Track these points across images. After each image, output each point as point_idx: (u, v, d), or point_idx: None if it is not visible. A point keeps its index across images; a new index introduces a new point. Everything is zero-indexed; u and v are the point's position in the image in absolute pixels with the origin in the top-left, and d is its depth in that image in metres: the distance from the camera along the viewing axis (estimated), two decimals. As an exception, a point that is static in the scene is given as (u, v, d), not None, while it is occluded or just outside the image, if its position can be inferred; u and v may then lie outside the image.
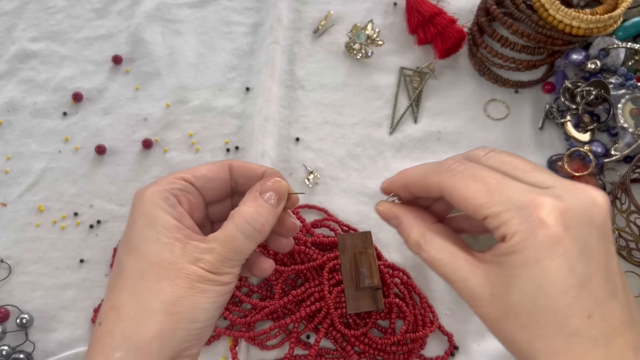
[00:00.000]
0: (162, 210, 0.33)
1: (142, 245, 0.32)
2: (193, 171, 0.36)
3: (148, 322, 0.31)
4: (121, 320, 0.31)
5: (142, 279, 0.32)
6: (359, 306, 0.46)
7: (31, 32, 0.62)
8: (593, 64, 0.57)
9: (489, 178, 0.29)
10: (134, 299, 0.31)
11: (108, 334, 0.31)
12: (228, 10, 0.64)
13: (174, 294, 0.32)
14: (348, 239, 0.48)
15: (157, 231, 0.33)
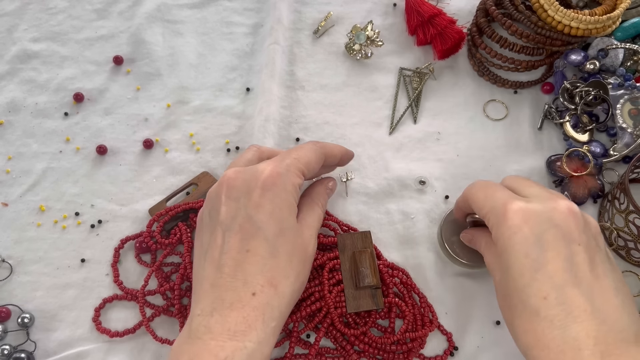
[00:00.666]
0: (296, 204, 0.41)
1: (288, 232, 0.39)
2: (308, 164, 0.42)
3: (293, 301, 0.39)
4: (278, 297, 0.37)
5: (290, 262, 0.39)
6: (359, 305, 0.46)
7: (32, 32, 0.62)
8: (592, 64, 0.57)
9: (490, 189, 0.39)
10: (287, 280, 0.39)
11: (268, 307, 0.37)
12: (228, 11, 0.64)
13: (304, 276, 0.40)
14: (348, 239, 0.48)
15: (294, 219, 0.40)
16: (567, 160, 0.55)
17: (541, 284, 0.32)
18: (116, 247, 0.51)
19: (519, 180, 0.41)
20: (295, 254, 0.40)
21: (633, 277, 0.52)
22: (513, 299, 0.34)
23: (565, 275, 0.32)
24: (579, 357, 0.30)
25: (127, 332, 0.48)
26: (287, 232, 0.39)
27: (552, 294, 0.32)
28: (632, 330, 0.31)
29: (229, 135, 0.58)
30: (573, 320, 0.31)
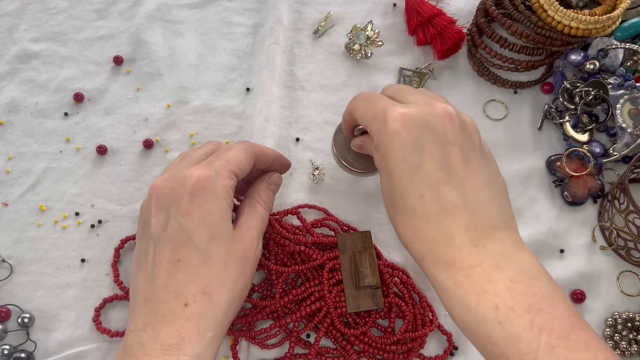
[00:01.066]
0: (229, 207, 0.39)
1: (221, 237, 0.37)
2: (239, 164, 0.40)
3: (232, 308, 0.38)
4: (213, 305, 0.36)
5: (226, 268, 0.37)
6: (359, 305, 0.46)
7: (32, 32, 0.62)
8: (592, 64, 0.57)
9: (370, 100, 0.39)
10: (223, 287, 0.37)
11: (202, 317, 0.35)
12: (228, 11, 0.64)
13: (244, 282, 0.39)
14: (348, 239, 0.48)
15: (228, 223, 0.38)
16: (567, 160, 0.55)
17: (417, 184, 0.35)
18: (116, 247, 0.51)
19: (399, 88, 0.41)
20: (232, 260, 0.38)
21: (633, 277, 0.52)
22: (394, 199, 0.36)
23: (439, 174, 0.35)
24: (451, 244, 0.34)
25: (127, 332, 0.48)
26: (220, 238, 0.37)
27: (427, 193, 0.34)
28: (500, 218, 0.35)
29: (229, 135, 0.58)
30: (446, 215, 0.34)
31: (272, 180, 0.45)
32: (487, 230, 0.34)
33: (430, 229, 0.34)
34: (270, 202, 0.44)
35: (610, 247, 0.53)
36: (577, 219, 0.55)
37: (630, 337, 0.50)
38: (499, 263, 0.33)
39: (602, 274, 0.52)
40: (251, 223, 0.41)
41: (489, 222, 0.34)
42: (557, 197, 0.56)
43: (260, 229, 0.41)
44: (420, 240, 0.35)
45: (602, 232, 0.54)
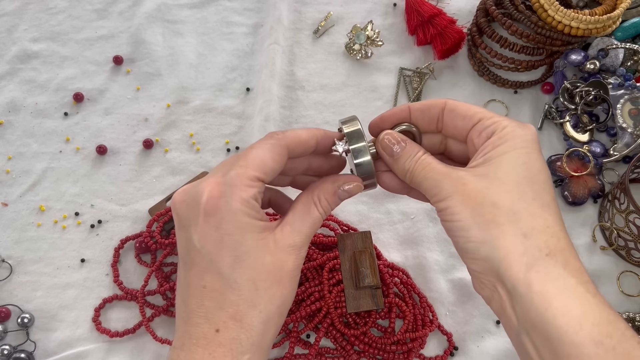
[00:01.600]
0: (254, 219, 0.34)
1: (247, 257, 0.34)
2: (262, 166, 0.35)
3: (270, 327, 0.35)
4: (245, 330, 0.34)
5: (256, 289, 0.34)
6: (359, 305, 0.46)
7: (32, 32, 0.62)
8: (592, 64, 0.57)
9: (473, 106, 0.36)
10: (255, 310, 0.34)
11: (234, 342, 0.34)
12: (228, 11, 0.64)
13: (283, 295, 0.35)
14: (348, 239, 0.48)
15: (253, 237, 0.34)
16: (567, 160, 0.55)
17: (550, 184, 0.34)
18: (116, 247, 0.51)
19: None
20: (263, 278, 0.34)
21: (633, 277, 0.52)
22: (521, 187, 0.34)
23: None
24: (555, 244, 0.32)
25: (127, 332, 0.48)
26: (245, 258, 0.34)
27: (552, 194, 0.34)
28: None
29: (229, 135, 0.58)
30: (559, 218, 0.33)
31: (347, 188, 0.37)
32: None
33: (562, 230, 0.33)
34: (331, 208, 0.37)
35: (610, 247, 0.53)
36: (578, 219, 0.55)
37: (631, 337, 0.49)
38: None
39: (602, 274, 0.52)
40: (297, 226, 0.36)
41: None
42: (558, 197, 0.56)
43: (307, 236, 0.36)
44: (553, 235, 0.32)
45: (603, 232, 0.54)
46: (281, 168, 0.36)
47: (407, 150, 0.36)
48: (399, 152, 0.36)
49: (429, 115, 0.37)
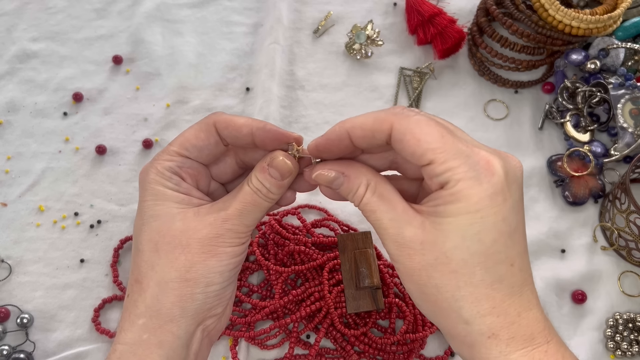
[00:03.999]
0: (169, 189, 0.35)
1: (153, 220, 0.34)
2: (183, 142, 0.35)
3: (166, 290, 0.34)
4: (143, 291, 0.34)
5: (157, 251, 0.34)
6: (359, 306, 0.46)
7: (31, 32, 0.62)
8: (593, 64, 0.57)
9: (441, 127, 0.31)
10: (152, 271, 0.34)
11: (133, 304, 0.34)
12: (228, 11, 0.64)
13: (187, 261, 0.34)
14: (348, 239, 0.48)
15: (167, 205, 0.34)
16: (568, 160, 0.55)
17: (512, 251, 0.30)
18: (115, 248, 0.51)
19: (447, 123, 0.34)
20: (165, 241, 0.34)
21: (634, 277, 0.52)
22: (468, 266, 0.29)
23: (524, 240, 0.31)
24: (532, 317, 0.30)
25: (127, 332, 0.48)
26: (150, 221, 0.34)
27: (517, 261, 0.30)
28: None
29: (228, 135, 0.57)
30: (526, 285, 0.31)
31: (271, 162, 0.35)
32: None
33: (514, 302, 0.30)
34: (266, 186, 0.34)
35: (611, 247, 0.53)
36: (578, 219, 0.55)
37: (632, 337, 0.49)
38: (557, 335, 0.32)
39: (603, 274, 0.52)
40: (225, 200, 0.35)
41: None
42: (558, 197, 0.55)
43: (237, 210, 0.34)
44: (500, 314, 0.30)
45: (603, 232, 0.54)
46: (206, 145, 0.36)
47: (346, 187, 0.33)
48: (339, 187, 0.34)
49: (374, 142, 0.32)
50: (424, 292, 0.30)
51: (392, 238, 0.31)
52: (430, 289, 0.30)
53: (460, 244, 0.29)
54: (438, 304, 0.30)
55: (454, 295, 0.30)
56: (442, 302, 0.30)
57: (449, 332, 0.31)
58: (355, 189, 0.33)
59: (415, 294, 0.31)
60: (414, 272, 0.30)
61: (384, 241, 0.31)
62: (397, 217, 0.31)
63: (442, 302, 0.30)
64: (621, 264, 0.53)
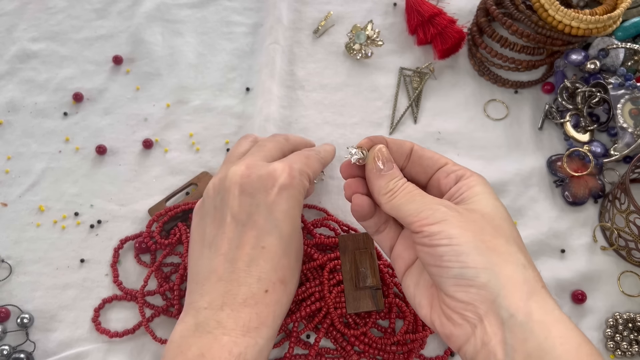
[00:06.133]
0: (298, 210, 0.41)
1: (298, 232, 0.41)
2: (313, 172, 0.43)
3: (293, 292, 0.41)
4: (287, 295, 0.39)
5: (297, 262, 0.41)
6: (359, 306, 0.46)
7: (31, 32, 0.62)
8: (592, 64, 0.57)
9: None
10: (294, 278, 0.40)
11: (278, 304, 0.38)
12: (228, 11, 0.64)
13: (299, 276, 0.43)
14: (349, 240, 0.48)
15: (300, 222, 0.42)
16: (567, 160, 0.55)
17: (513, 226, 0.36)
18: (115, 247, 0.51)
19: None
20: (299, 255, 0.41)
21: (634, 277, 0.52)
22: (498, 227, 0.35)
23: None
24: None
25: (127, 332, 0.48)
26: (296, 233, 0.40)
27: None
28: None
29: (228, 135, 0.57)
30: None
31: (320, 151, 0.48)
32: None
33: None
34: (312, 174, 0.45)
35: (611, 247, 0.53)
36: (578, 219, 0.55)
37: (631, 337, 0.49)
38: None
39: (603, 274, 0.52)
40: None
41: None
42: (558, 197, 0.56)
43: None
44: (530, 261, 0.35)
45: (603, 233, 0.54)
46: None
47: (395, 172, 0.37)
48: (385, 170, 0.37)
49: (400, 151, 0.39)
50: (482, 239, 0.32)
51: (440, 202, 0.35)
52: (487, 235, 0.33)
53: (494, 209, 0.35)
54: (497, 248, 0.32)
55: (508, 240, 0.33)
56: (501, 245, 0.33)
57: (506, 283, 0.31)
58: (401, 176, 0.37)
59: (470, 245, 0.32)
60: (468, 221, 0.33)
61: (431, 207, 0.34)
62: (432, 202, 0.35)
63: (501, 245, 0.33)
64: (621, 264, 0.53)
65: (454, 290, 0.32)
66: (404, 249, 0.39)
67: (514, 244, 0.33)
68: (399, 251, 0.39)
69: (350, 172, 0.39)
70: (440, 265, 0.32)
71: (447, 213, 0.33)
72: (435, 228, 0.33)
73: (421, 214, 0.34)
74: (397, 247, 0.39)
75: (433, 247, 0.33)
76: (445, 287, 0.33)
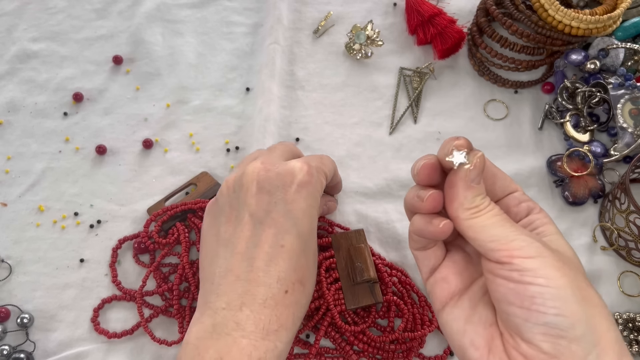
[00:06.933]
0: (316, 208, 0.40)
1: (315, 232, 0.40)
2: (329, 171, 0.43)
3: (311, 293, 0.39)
4: (306, 295, 0.38)
5: (314, 261, 0.40)
6: (359, 301, 0.46)
7: (32, 32, 0.62)
8: (592, 64, 0.57)
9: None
10: (312, 278, 0.39)
11: (297, 305, 0.37)
12: (228, 11, 0.64)
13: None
14: (342, 238, 0.49)
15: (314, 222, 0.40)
16: (567, 160, 0.55)
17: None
18: (114, 248, 0.51)
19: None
20: (316, 254, 0.40)
21: (634, 277, 0.52)
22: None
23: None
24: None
25: (125, 333, 0.48)
26: (314, 232, 0.39)
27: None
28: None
29: (228, 135, 0.57)
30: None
31: (329, 205, 0.50)
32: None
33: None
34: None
35: (611, 247, 0.53)
36: (578, 219, 0.55)
37: (631, 337, 0.49)
38: None
39: (603, 274, 0.52)
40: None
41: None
42: (558, 197, 0.55)
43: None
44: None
45: (603, 233, 0.54)
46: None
47: (483, 187, 0.32)
48: (476, 182, 0.31)
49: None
50: (578, 286, 0.29)
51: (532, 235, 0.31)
52: (581, 282, 0.30)
53: (573, 255, 0.32)
54: (591, 299, 0.29)
55: (600, 302, 0.30)
56: (593, 297, 0.30)
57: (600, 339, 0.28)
58: (486, 194, 0.32)
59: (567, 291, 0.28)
60: (563, 264, 0.29)
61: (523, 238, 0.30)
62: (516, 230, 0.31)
63: (593, 297, 0.30)
64: (621, 264, 0.53)
65: (539, 340, 0.27)
66: (452, 274, 0.34)
67: (598, 295, 0.30)
68: (445, 275, 0.34)
69: (430, 177, 0.33)
70: (528, 308, 0.28)
71: (543, 250, 0.29)
72: (531, 263, 0.28)
73: (512, 244, 0.29)
74: (443, 269, 0.34)
75: (523, 285, 0.28)
76: (527, 333, 0.28)
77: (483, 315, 0.31)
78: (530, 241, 0.29)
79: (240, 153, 0.57)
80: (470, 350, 0.31)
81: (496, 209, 0.31)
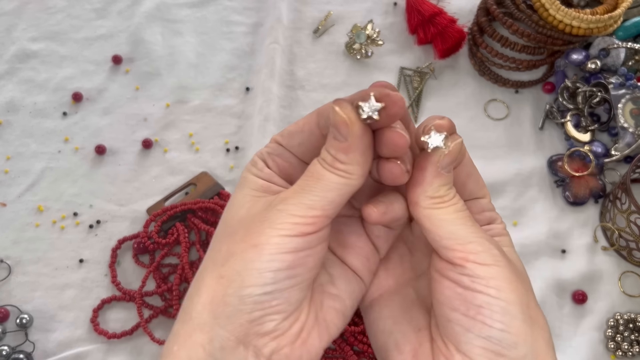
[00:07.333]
0: (252, 174, 0.29)
1: (227, 209, 0.29)
2: (283, 130, 0.31)
3: (200, 288, 0.26)
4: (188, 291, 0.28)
5: (211, 243, 0.29)
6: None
7: (31, 32, 0.62)
8: (593, 63, 0.57)
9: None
10: (200, 266, 0.28)
11: (182, 310, 0.28)
12: (228, 10, 0.64)
13: (227, 252, 0.26)
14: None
15: (242, 192, 0.29)
16: (568, 160, 0.55)
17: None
18: (113, 248, 0.51)
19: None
20: (224, 231, 0.29)
21: (634, 277, 0.52)
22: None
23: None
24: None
25: (125, 333, 0.48)
26: (225, 210, 0.29)
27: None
28: None
29: (228, 135, 0.57)
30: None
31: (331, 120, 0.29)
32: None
33: None
34: (331, 152, 0.28)
35: (612, 247, 0.53)
36: (579, 219, 0.54)
37: (632, 337, 0.49)
38: None
39: (603, 274, 0.52)
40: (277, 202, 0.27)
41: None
42: (559, 197, 0.55)
43: (291, 191, 0.27)
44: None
45: (604, 233, 0.54)
46: (299, 131, 0.32)
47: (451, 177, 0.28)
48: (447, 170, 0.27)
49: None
50: (527, 304, 0.27)
51: (493, 241, 0.28)
52: (530, 301, 0.27)
53: (523, 271, 0.29)
54: (536, 320, 0.27)
55: (544, 323, 0.27)
56: (538, 318, 0.27)
57: None
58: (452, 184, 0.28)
59: (516, 308, 0.26)
60: (516, 279, 0.27)
61: (484, 243, 0.27)
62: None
63: (538, 318, 0.27)
64: (622, 264, 0.53)
65: (477, 353, 0.25)
66: (382, 269, 0.32)
67: (544, 317, 0.27)
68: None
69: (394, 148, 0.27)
70: (473, 317, 0.25)
71: (501, 259, 0.26)
72: (485, 271, 0.25)
73: (469, 246, 0.26)
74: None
75: (472, 292, 0.25)
76: (466, 344, 0.25)
77: (414, 319, 0.29)
78: (488, 247, 0.26)
79: (239, 153, 0.56)
80: (394, 354, 0.28)
81: (460, 204, 0.28)
